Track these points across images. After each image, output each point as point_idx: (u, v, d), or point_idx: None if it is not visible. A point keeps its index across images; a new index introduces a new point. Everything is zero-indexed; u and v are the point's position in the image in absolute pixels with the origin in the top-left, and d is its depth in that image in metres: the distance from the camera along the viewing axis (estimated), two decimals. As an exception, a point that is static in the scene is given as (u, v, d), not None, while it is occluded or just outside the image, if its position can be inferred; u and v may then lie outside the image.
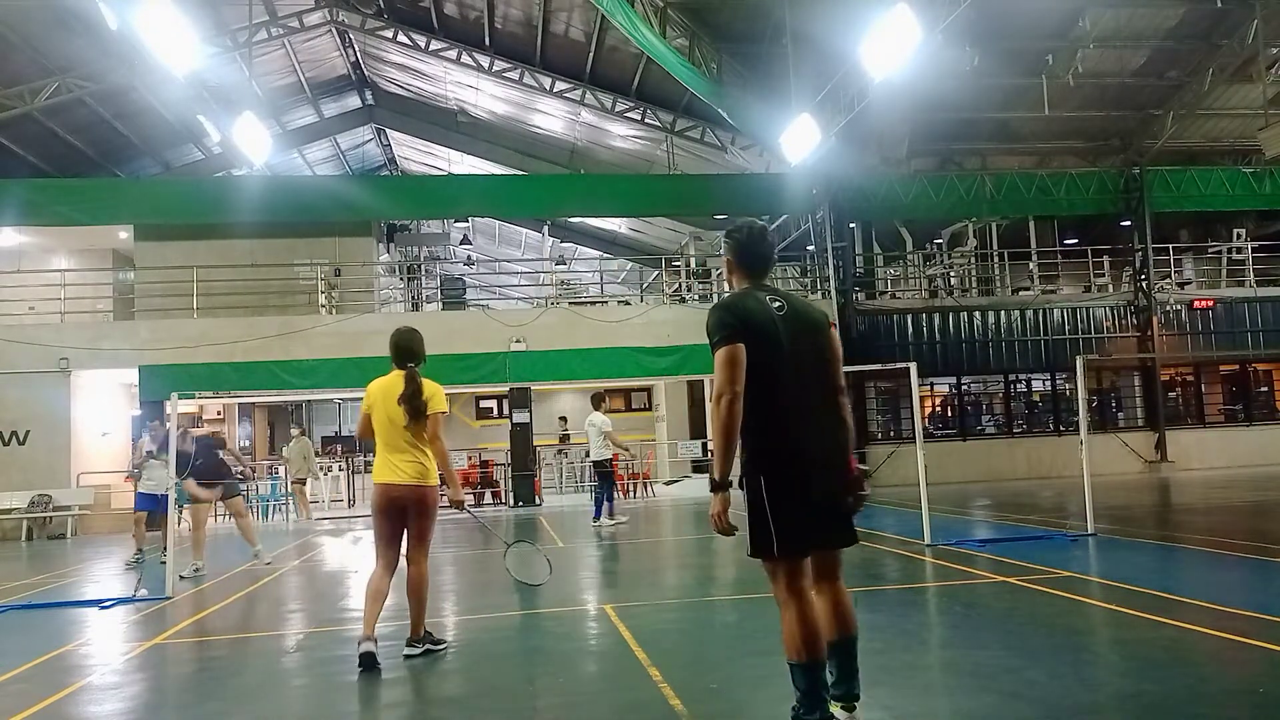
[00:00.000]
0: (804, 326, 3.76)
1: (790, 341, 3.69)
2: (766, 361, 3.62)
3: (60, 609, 8.32)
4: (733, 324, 3.64)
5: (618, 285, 31.78)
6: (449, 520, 16.77)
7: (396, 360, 5.76)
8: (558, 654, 5.84)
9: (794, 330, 3.71)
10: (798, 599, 3.58)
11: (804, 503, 3.61)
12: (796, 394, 3.67)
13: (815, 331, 3.79)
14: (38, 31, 17.41)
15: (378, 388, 5.68)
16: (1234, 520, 12.01)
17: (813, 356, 3.75)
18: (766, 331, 3.66)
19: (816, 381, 3.74)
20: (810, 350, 3.75)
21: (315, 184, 24.03)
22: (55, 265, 20.48)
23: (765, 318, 3.69)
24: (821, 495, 3.65)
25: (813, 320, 3.81)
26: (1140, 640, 5.38)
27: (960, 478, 19.33)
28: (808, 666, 3.51)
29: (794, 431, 3.64)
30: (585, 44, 20.32)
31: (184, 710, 5.07)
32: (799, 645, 3.52)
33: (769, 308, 3.72)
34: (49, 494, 16.88)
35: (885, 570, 8.66)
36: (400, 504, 5.54)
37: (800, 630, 3.53)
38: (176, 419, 9.27)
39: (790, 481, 3.60)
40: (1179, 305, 21.88)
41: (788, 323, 3.71)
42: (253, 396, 21.40)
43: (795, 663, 3.54)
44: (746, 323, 3.65)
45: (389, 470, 5.53)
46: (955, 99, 18.99)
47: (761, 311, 3.71)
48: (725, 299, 3.86)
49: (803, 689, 3.52)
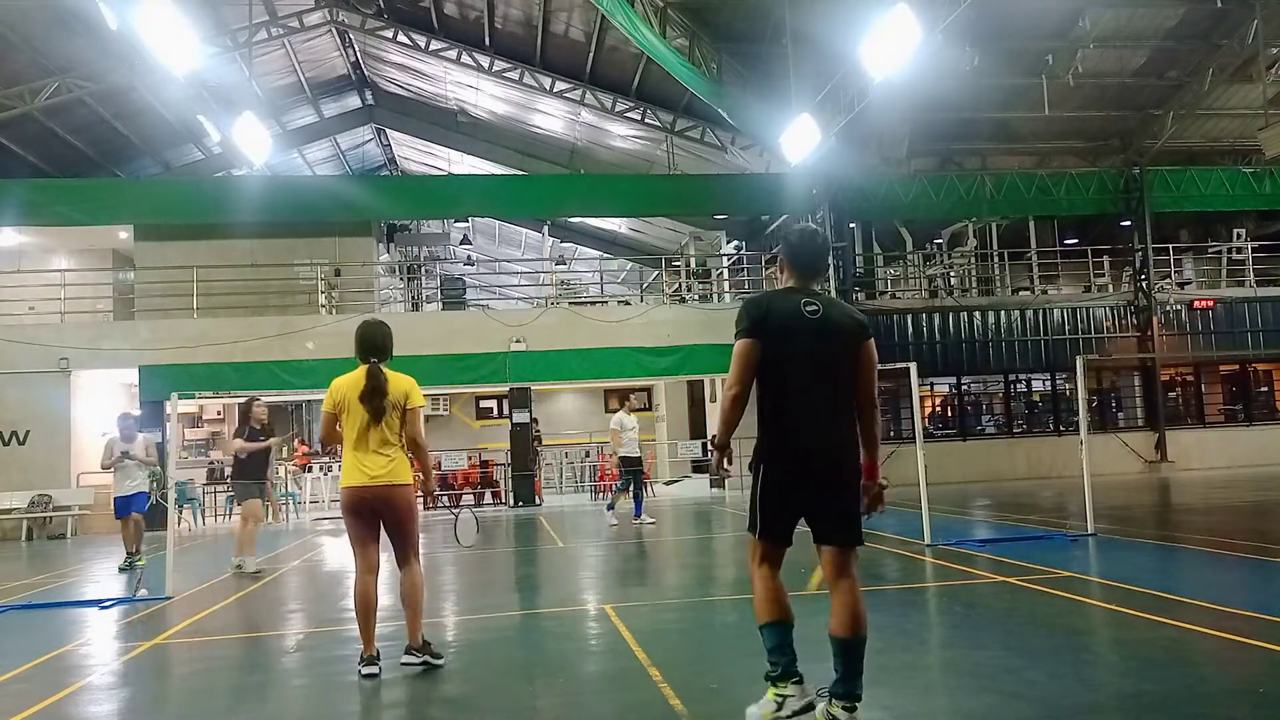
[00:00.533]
0: (833, 332, 3.84)
1: (814, 344, 3.80)
2: (782, 360, 3.78)
3: (60, 609, 8.32)
4: (750, 320, 3.79)
5: (618, 285, 31.78)
6: (450, 520, 16.79)
7: (360, 355, 5.37)
8: (558, 654, 5.84)
9: (821, 334, 3.81)
10: (764, 571, 3.87)
11: (794, 496, 3.81)
12: (809, 394, 3.79)
13: (845, 338, 3.87)
14: (38, 31, 17.40)
15: (345, 384, 5.27)
16: (1234, 520, 12.01)
17: (836, 362, 3.84)
18: (788, 331, 3.79)
19: (835, 385, 3.84)
20: (835, 355, 3.84)
21: (315, 184, 24.02)
22: (55, 265, 20.47)
23: (790, 317, 3.81)
24: (817, 493, 3.80)
25: (844, 327, 3.88)
26: (1140, 640, 5.38)
27: (960, 478, 19.33)
28: (772, 625, 3.82)
29: (798, 429, 3.79)
30: (585, 44, 20.31)
31: (184, 710, 5.06)
32: (761, 606, 3.84)
33: (799, 309, 3.83)
34: (49, 494, 16.89)
35: (885, 570, 8.66)
36: (370, 505, 5.22)
37: (765, 593, 3.84)
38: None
39: (786, 474, 3.80)
40: (1179, 305, 21.87)
41: (816, 326, 3.81)
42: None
43: (763, 623, 3.85)
44: (766, 320, 3.79)
45: (356, 471, 5.19)
46: (955, 99, 18.98)
47: (788, 311, 3.83)
48: (756, 295, 4.04)
49: (769, 647, 3.83)
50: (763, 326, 3.78)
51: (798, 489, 3.81)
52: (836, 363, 3.84)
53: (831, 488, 3.81)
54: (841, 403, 3.85)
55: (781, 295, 3.95)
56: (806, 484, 3.80)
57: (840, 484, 3.83)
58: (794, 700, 3.77)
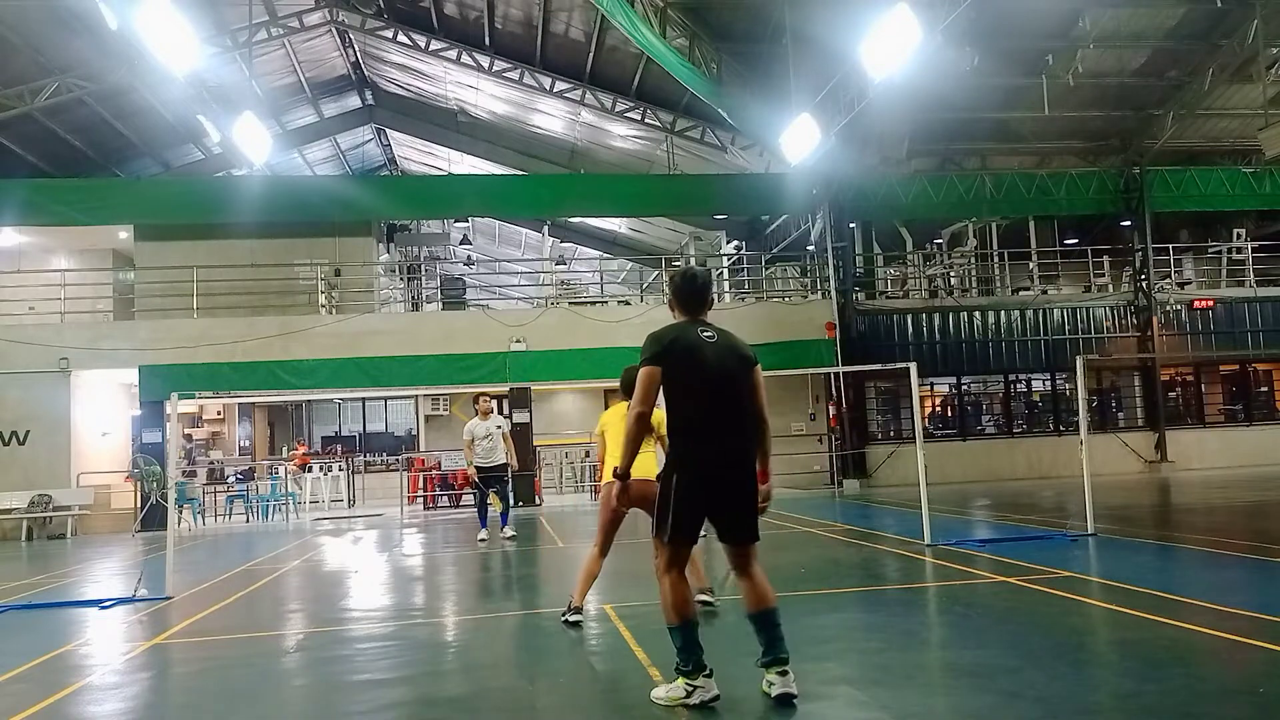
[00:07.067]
0: (728, 354, 4.35)
1: (714, 366, 4.29)
2: (688, 381, 4.28)
3: (60, 609, 8.31)
4: (655, 349, 4.29)
5: (618, 285, 31.77)
6: (450, 520, 16.77)
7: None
8: (558, 654, 5.84)
9: (719, 357, 4.32)
10: (672, 574, 4.28)
11: (702, 500, 4.25)
12: (711, 411, 4.27)
13: (739, 362, 4.37)
14: (38, 31, 17.41)
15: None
16: (1234, 520, 12.00)
17: (733, 382, 4.32)
18: (691, 356, 4.29)
19: (732, 402, 4.30)
20: (731, 376, 4.32)
21: (315, 184, 24.03)
22: (55, 265, 20.49)
23: (692, 345, 4.31)
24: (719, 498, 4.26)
25: (738, 352, 4.41)
26: (1140, 640, 5.37)
27: (960, 478, 19.33)
28: (681, 626, 4.24)
29: (704, 441, 4.26)
30: (585, 44, 20.32)
31: (184, 710, 5.06)
32: (672, 610, 4.25)
33: (699, 337, 4.35)
34: (49, 494, 16.87)
35: (885, 570, 8.66)
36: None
37: (673, 597, 4.25)
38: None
39: (694, 480, 4.22)
40: (1179, 305, 21.87)
41: (714, 350, 4.32)
42: (253, 396, 21.39)
43: (672, 625, 4.25)
44: (671, 349, 4.29)
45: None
46: (955, 99, 18.97)
47: (689, 339, 4.33)
48: (659, 329, 4.44)
49: (679, 645, 4.25)
50: (668, 353, 4.27)
51: (706, 493, 4.24)
52: (733, 381, 4.31)
53: (734, 492, 4.27)
54: (739, 416, 4.30)
55: (681, 327, 4.45)
56: (713, 488, 4.24)
57: (741, 488, 4.28)
58: (703, 691, 4.20)
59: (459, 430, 27.09)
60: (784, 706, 4.13)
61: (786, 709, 4.12)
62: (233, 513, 19.29)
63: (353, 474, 21.24)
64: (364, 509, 19.77)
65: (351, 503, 20.40)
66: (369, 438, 25.39)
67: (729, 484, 4.26)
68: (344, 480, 20.69)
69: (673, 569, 4.29)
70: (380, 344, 18.22)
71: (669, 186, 22.55)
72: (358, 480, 21.47)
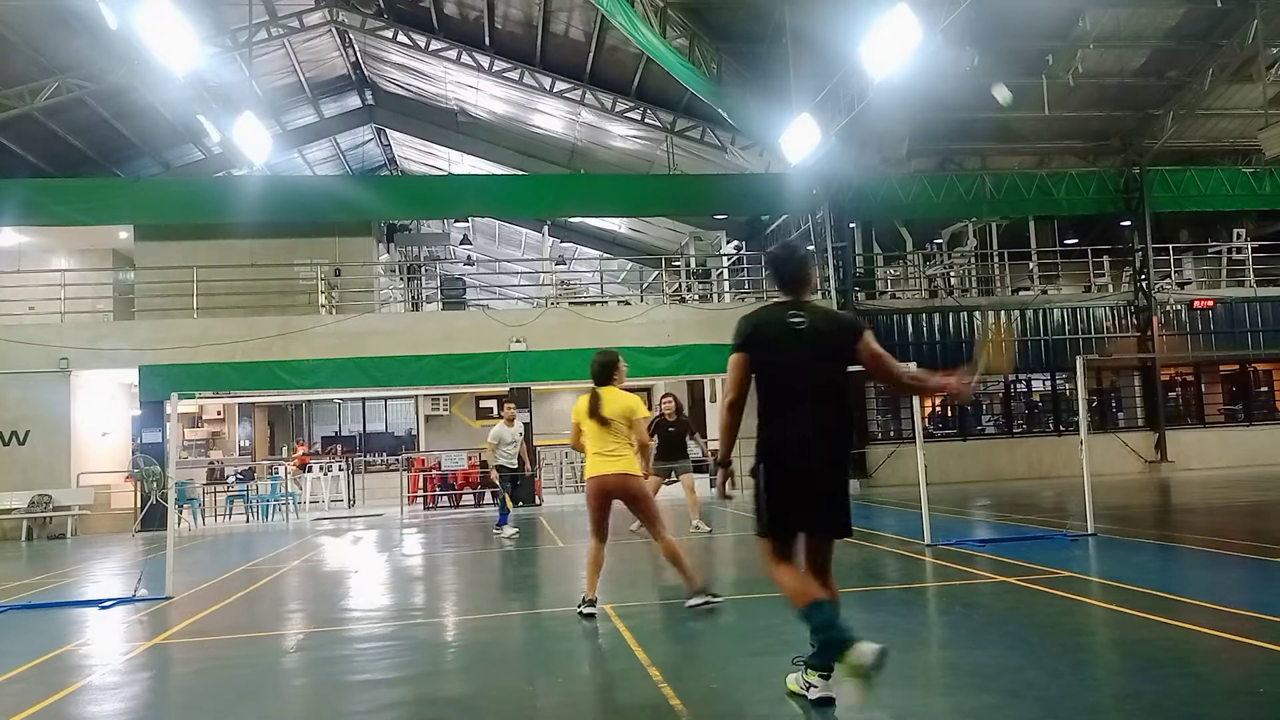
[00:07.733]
0: (819, 338, 4.14)
1: (799, 352, 4.13)
2: (773, 369, 4.14)
3: (60, 609, 8.31)
4: (740, 337, 4.18)
5: (618, 285, 31.78)
6: (450, 520, 16.78)
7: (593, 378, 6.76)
8: (558, 654, 5.84)
9: (805, 343, 4.13)
10: (785, 566, 4.12)
11: (792, 491, 4.10)
12: (793, 400, 4.12)
13: (835, 340, 4.17)
14: (38, 31, 17.40)
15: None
16: (1234, 520, 12.00)
17: (822, 368, 4.14)
18: (776, 342, 4.14)
19: (822, 389, 4.14)
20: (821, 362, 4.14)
21: (315, 184, 24.02)
22: (55, 265, 20.48)
23: (778, 330, 4.16)
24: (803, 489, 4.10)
25: (836, 331, 4.21)
26: (1140, 640, 5.37)
27: (960, 478, 19.33)
28: (808, 610, 3.98)
29: (790, 429, 4.11)
30: (585, 44, 20.31)
31: (184, 710, 5.06)
32: (793, 597, 4.04)
33: (785, 322, 4.16)
34: (49, 494, 16.88)
35: (885, 570, 8.66)
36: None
37: (790, 586, 4.07)
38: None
39: (783, 471, 4.10)
40: (1179, 305, 21.87)
41: (801, 336, 4.13)
42: (253, 396, 21.41)
43: (800, 608, 4.01)
44: (754, 334, 4.17)
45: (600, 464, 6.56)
46: (955, 99, 18.95)
47: (775, 324, 4.18)
48: (749, 312, 4.34)
49: (815, 626, 3.97)
50: (751, 340, 4.15)
51: (791, 485, 4.10)
52: (822, 368, 4.14)
53: (817, 483, 4.11)
54: (823, 405, 4.13)
55: (770, 309, 4.30)
56: (796, 480, 4.10)
57: (825, 479, 4.12)
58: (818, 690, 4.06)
59: (459, 430, 27.08)
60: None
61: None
62: (233, 513, 19.29)
63: (353, 474, 21.24)
64: (364, 509, 19.78)
65: (351, 503, 20.40)
66: (369, 438, 25.41)
67: (812, 475, 4.11)
68: (344, 480, 20.70)
69: (779, 562, 4.13)
70: (380, 344, 18.23)
71: (669, 186, 22.55)
72: (358, 480, 21.48)
